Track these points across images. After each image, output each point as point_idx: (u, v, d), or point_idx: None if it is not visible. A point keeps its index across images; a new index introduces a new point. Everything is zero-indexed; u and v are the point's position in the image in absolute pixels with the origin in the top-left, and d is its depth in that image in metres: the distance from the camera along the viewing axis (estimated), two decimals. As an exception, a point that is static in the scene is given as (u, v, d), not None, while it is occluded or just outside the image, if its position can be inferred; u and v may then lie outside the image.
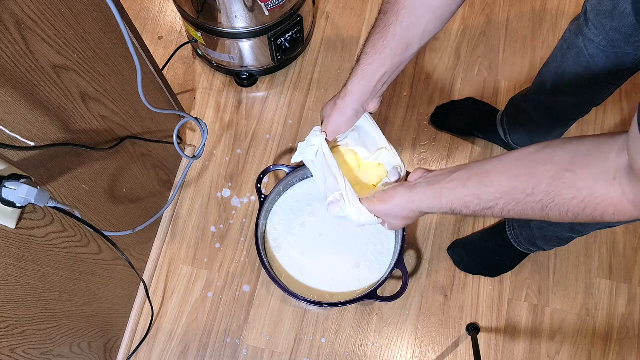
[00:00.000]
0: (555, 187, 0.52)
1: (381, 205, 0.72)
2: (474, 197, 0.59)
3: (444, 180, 0.64)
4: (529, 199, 0.54)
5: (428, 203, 0.66)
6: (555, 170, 0.52)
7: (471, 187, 0.60)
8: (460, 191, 0.61)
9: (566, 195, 0.51)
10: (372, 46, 0.69)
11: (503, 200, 0.56)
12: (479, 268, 1.22)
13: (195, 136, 1.37)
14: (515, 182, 0.55)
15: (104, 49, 0.77)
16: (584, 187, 0.50)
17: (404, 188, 0.69)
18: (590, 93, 0.96)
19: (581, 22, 0.86)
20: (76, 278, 0.85)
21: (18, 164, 0.62)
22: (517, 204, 0.55)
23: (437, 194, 0.64)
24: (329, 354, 1.18)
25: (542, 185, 0.53)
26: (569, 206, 0.51)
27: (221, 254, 1.26)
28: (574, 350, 1.18)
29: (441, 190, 0.63)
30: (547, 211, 0.54)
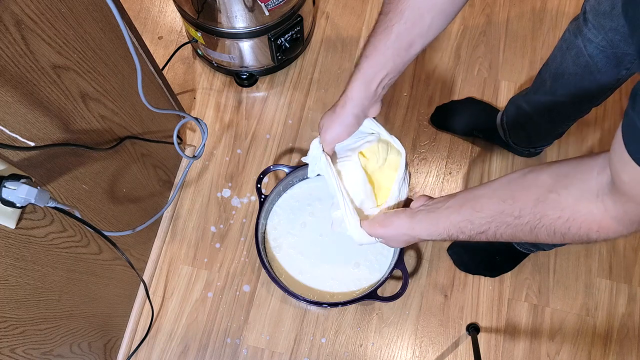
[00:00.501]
0: (540, 208, 0.54)
1: (382, 229, 0.75)
2: (468, 222, 0.62)
3: (441, 207, 0.67)
4: (517, 222, 0.57)
5: (427, 230, 0.69)
6: (539, 193, 0.55)
7: (464, 212, 0.63)
8: (455, 217, 0.64)
9: (551, 216, 0.53)
10: (372, 48, 0.68)
11: (494, 223, 0.59)
12: (479, 268, 1.22)
13: (195, 136, 1.37)
14: (503, 206, 0.58)
15: (104, 49, 0.77)
16: (567, 207, 0.52)
17: (405, 215, 0.73)
18: (590, 93, 0.96)
19: (580, 22, 0.86)
20: (76, 278, 0.85)
21: (18, 164, 0.62)
22: (507, 226, 0.58)
23: (434, 222, 0.67)
24: (329, 354, 1.18)
25: (528, 207, 0.55)
26: (555, 226, 0.53)
27: (221, 254, 1.26)
28: (574, 350, 1.18)
29: (438, 218, 0.67)
30: (535, 232, 0.56)
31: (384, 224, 0.75)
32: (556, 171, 0.54)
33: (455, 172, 1.32)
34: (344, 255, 1.12)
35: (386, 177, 0.83)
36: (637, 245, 1.25)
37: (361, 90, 0.71)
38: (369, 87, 0.70)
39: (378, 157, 0.83)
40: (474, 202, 0.62)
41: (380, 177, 0.84)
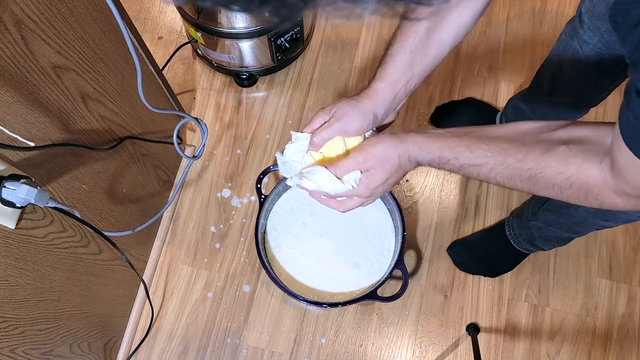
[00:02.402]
0: (547, 158, 0.53)
1: (370, 148, 0.64)
2: (466, 149, 0.58)
3: (440, 130, 0.63)
4: (518, 165, 0.54)
5: (419, 144, 0.62)
6: (550, 143, 0.53)
7: (466, 139, 0.59)
8: (454, 140, 0.60)
9: (555, 169, 0.52)
10: (399, 45, 0.64)
11: (493, 160, 0.56)
12: (479, 268, 1.22)
13: (195, 136, 1.37)
14: (509, 145, 0.56)
15: (104, 49, 0.77)
16: (572, 163, 0.51)
17: (393, 134, 0.65)
18: (587, 94, 0.97)
19: (576, 24, 0.87)
20: (76, 278, 0.85)
21: (18, 164, 0.62)
22: (506, 167, 0.55)
23: (430, 138, 0.62)
24: (329, 354, 1.18)
25: (534, 153, 0.53)
26: (556, 180, 0.52)
27: (221, 254, 1.26)
28: (574, 350, 1.18)
29: (435, 136, 0.62)
30: (533, 181, 0.54)
31: (372, 142, 0.64)
32: (574, 130, 0.53)
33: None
34: (344, 255, 1.12)
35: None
36: (637, 245, 1.25)
37: (387, 91, 0.66)
38: (394, 88, 0.66)
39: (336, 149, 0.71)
40: (479, 133, 0.59)
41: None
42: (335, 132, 0.67)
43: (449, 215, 1.28)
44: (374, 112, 0.67)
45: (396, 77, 0.65)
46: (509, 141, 0.56)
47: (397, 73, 0.65)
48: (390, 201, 1.10)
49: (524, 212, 1.11)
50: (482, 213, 1.28)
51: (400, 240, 1.06)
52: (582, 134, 0.53)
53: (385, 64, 0.66)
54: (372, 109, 0.67)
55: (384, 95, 0.66)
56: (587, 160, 0.51)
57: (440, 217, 1.28)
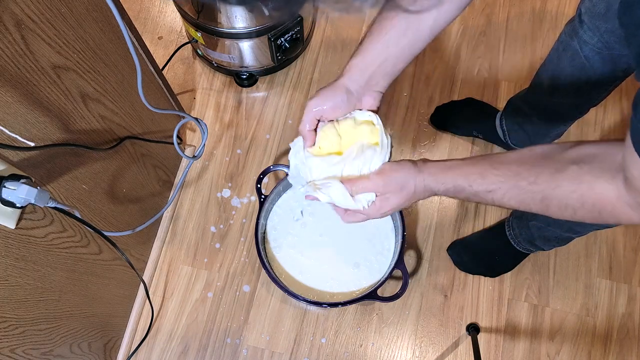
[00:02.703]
0: (558, 177, 0.53)
1: (392, 173, 0.65)
2: (479, 176, 0.59)
3: (456, 159, 0.64)
4: (530, 187, 0.55)
5: (434, 174, 0.64)
6: (560, 163, 0.53)
7: (479, 166, 0.60)
8: (468, 168, 0.61)
9: (567, 188, 0.52)
10: (377, 25, 0.64)
11: (506, 184, 0.57)
12: (479, 268, 1.22)
13: (195, 136, 1.37)
14: (520, 168, 0.56)
15: (104, 49, 0.77)
16: (584, 182, 0.51)
17: (410, 160, 0.66)
18: (587, 94, 0.96)
19: (576, 24, 0.87)
20: (76, 278, 0.85)
21: (18, 164, 0.62)
22: (520, 191, 0.56)
23: (445, 167, 0.63)
24: (329, 354, 1.18)
25: (545, 175, 0.54)
26: (569, 200, 0.53)
27: (221, 254, 1.26)
28: (574, 350, 1.17)
29: (450, 165, 0.63)
30: (546, 203, 0.54)
31: (392, 168, 0.65)
32: (584, 149, 0.54)
33: (455, 172, 1.32)
34: (344, 255, 1.12)
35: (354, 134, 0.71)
36: (637, 245, 1.25)
37: (359, 67, 0.66)
38: (367, 65, 0.65)
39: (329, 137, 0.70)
40: (491, 160, 0.61)
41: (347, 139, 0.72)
42: (311, 111, 0.67)
43: (449, 215, 1.28)
44: (346, 87, 0.66)
45: (371, 54, 0.65)
46: (520, 164, 0.57)
47: (371, 50, 0.65)
48: (390, 201, 1.10)
49: (524, 212, 1.11)
50: (482, 213, 1.28)
51: (400, 240, 1.06)
52: (592, 152, 0.53)
53: (361, 43, 0.66)
54: (345, 83, 0.66)
55: (357, 70, 0.66)
56: (599, 177, 0.51)
57: (440, 217, 1.28)
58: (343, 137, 0.68)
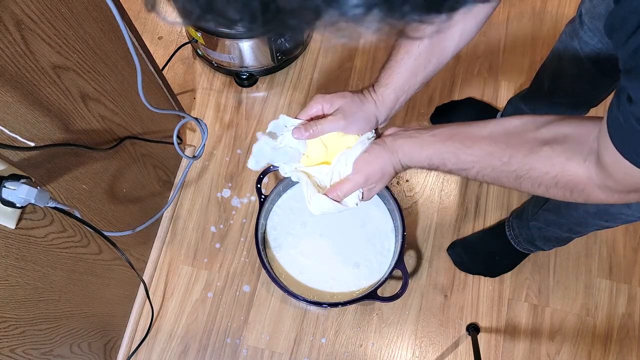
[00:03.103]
0: (531, 159, 0.54)
1: (368, 167, 0.65)
2: (453, 156, 0.60)
3: (425, 134, 0.63)
4: (504, 167, 0.56)
5: (408, 154, 0.64)
6: (533, 144, 0.54)
7: (451, 145, 0.60)
8: (440, 147, 0.61)
9: (540, 169, 0.53)
10: (404, 51, 0.65)
11: (479, 164, 0.58)
12: (479, 268, 1.22)
13: (195, 136, 1.37)
14: (493, 148, 0.56)
15: (104, 49, 0.77)
16: (557, 164, 0.52)
17: (382, 143, 0.65)
18: (587, 94, 0.97)
19: (576, 24, 0.87)
20: (76, 278, 0.85)
21: (18, 164, 0.62)
22: (493, 170, 0.57)
23: (417, 146, 0.63)
24: (329, 354, 1.18)
25: (519, 155, 0.54)
26: (542, 180, 0.54)
27: (221, 254, 1.26)
28: (574, 350, 1.17)
29: (422, 143, 0.63)
30: (520, 181, 0.55)
31: (366, 161, 0.65)
32: (557, 128, 0.54)
33: (455, 172, 1.32)
34: (344, 255, 1.12)
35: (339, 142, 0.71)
36: (637, 245, 1.25)
37: (391, 97, 0.67)
38: (397, 94, 0.66)
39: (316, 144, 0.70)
40: (463, 137, 0.60)
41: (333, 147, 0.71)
42: (337, 129, 0.67)
43: (449, 215, 1.28)
44: (377, 117, 0.68)
45: (400, 84, 0.66)
46: (493, 143, 0.57)
47: (401, 79, 0.66)
48: (390, 201, 1.10)
49: (523, 212, 1.11)
50: (482, 213, 1.28)
51: (400, 240, 1.06)
52: (565, 131, 0.54)
53: (389, 70, 0.66)
54: (376, 113, 0.68)
55: (388, 102, 0.67)
56: (571, 159, 0.52)
57: (440, 217, 1.28)
58: (329, 147, 0.68)
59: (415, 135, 0.64)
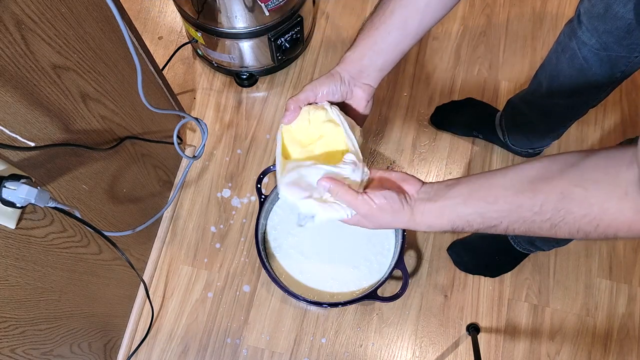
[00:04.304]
0: (565, 204, 0.49)
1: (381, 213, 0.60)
2: (477, 216, 0.55)
3: (444, 196, 0.58)
4: (536, 217, 0.51)
5: (428, 222, 0.59)
6: (563, 186, 0.50)
7: (473, 204, 0.56)
8: (462, 209, 0.56)
9: (577, 213, 0.49)
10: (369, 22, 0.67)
11: (508, 218, 0.53)
12: (479, 268, 1.22)
13: (195, 136, 1.37)
14: (521, 199, 0.52)
15: (104, 49, 0.77)
16: (595, 204, 0.48)
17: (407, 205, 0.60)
18: (585, 95, 0.96)
19: (575, 24, 0.87)
20: (76, 278, 0.85)
21: (18, 164, 0.62)
22: (524, 222, 0.52)
23: (437, 213, 0.58)
24: (329, 354, 1.18)
25: (551, 202, 0.50)
26: (580, 224, 0.49)
27: (221, 254, 1.26)
28: (574, 350, 1.17)
29: (442, 209, 0.58)
30: (555, 230, 0.51)
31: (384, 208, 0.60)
32: (583, 163, 0.50)
33: (455, 172, 1.32)
34: (344, 255, 1.12)
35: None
36: (637, 246, 1.25)
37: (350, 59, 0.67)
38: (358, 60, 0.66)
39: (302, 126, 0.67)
40: (485, 192, 0.55)
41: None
42: (304, 92, 0.66)
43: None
44: (340, 74, 0.68)
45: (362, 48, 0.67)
46: (519, 194, 0.52)
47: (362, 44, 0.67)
48: (391, 201, 1.10)
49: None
50: (482, 213, 1.28)
51: (400, 240, 1.06)
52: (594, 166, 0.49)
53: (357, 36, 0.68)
54: (338, 71, 0.68)
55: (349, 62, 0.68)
56: (610, 196, 0.47)
57: (441, 217, 1.28)
58: (311, 124, 0.66)
59: (435, 200, 0.59)
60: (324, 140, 0.64)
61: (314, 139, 0.65)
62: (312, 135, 0.65)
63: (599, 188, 0.48)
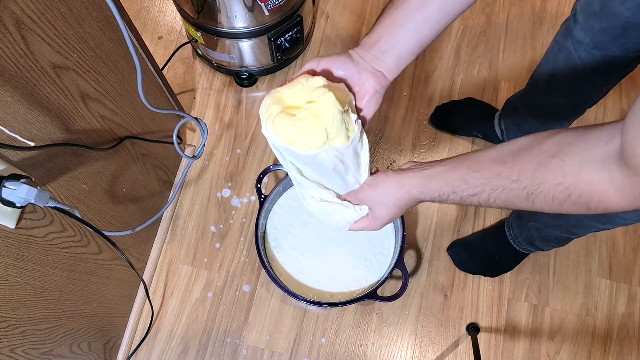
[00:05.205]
0: (541, 173, 0.52)
1: (371, 190, 0.68)
2: (462, 182, 0.59)
3: (435, 166, 0.63)
4: (514, 186, 0.54)
5: (418, 187, 0.63)
6: (541, 158, 0.53)
7: (460, 171, 0.59)
8: (449, 175, 0.60)
9: (552, 182, 0.52)
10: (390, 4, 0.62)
11: (489, 186, 0.56)
12: (479, 268, 1.22)
13: (195, 136, 1.37)
14: (501, 168, 0.55)
15: (104, 49, 0.77)
16: (569, 174, 0.50)
17: (393, 173, 0.67)
18: (582, 94, 0.96)
19: (571, 23, 0.86)
20: (76, 278, 0.85)
21: (18, 164, 0.62)
22: (503, 190, 0.55)
23: (427, 178, 0.63)
24: (329, 354, 1.18)
25: (528, 172, 0.53)
26: (555, 193, 0.52)
27: (221, 254, 1.26)
28: (574, 350, 1.17)
29: (432, 175, 0.62)
30: (532, 199, 0.54)
31: (372, 184, 0.68)
32: (562, 139, 0.53)
33: (455, 172, 1.32)
34: (344, 255, 1.12)
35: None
36: (637, 245, 1.25)
37: (365, 43, 0.63)
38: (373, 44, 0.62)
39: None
40: (471, 162, 0.59)
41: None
42: (309, 63, 0.63)
43: (449, 215, 1.28)
44: (350, 53, 0.64)
45: (377, 33, 0.63)
46: (500, 164, 0.56)
47: (378, 29, 0.63)
48: (391, 201, 1.10)
49: (523, 213, 1.11)
50: (482, 213, 1.28)
51: (400, 240, 1.06)
52: (572, 141, 0.52)
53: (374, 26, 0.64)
54: (350, 51, 0.64)
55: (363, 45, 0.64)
56: (584, 167, 0.50)
57: (441, 217, 1.28)
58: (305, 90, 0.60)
59: (426, 168, 0.64)
60: (311, 106, 0.59)
61: (301, 105, 0.60)
62: (301, 100, 0.60)
63: (574, 159, 0.50)
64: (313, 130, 0.57)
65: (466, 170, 0.59)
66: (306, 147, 0.59)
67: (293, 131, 0.58)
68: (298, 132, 0.58)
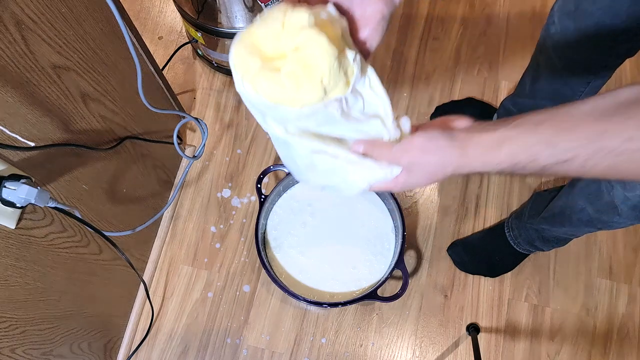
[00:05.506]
0: None
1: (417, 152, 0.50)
2: (547, 146, 0.44)
3: (506, 125, 0.47)
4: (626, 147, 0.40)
5: (482, 157, 0.47)
6: None
7: (544, 131, 0.45)
8: (528, 137, 0.45)
9: None
10: None
11: (587, 149, 0.42)
12: (479, 268, 1.22)
13: (195, 136, 1.37)
14: (607, 125, 0.41)
15: (104, 49, 0.77)
16: None
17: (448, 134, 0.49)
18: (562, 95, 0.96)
19: (549, 24, 0.86)
20: (76, 278, 0.85)
21: (18, 164, 0.62)
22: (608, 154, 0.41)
23: (494, 143, 0.46)
24: (329, 354, 1.18)
25: None
26: None
27: (221, 254, 1.26)
28: (574, 350, 1.17)
29: (501, 138, 0.46)
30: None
31: (423, 148, 0.49)
32: None
33: (455, 172, 1.32)
34: (344, 255, 1.12)
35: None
36: (637, 245, 1.25)
37: None
38: None
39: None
40: (561, 119, 0.45)
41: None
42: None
43: (449, 215, 1.28)
44: None
45: None
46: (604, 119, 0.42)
47: None
48: (390, 201, 1.10)
49: (522, 213, 1.12)
50: (482, 213, 1.28)
51: (400, 240, 1.06)
52: None
53: None
54: None
55: None
56: None
57: (440, 217, 1.28)
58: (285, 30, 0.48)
59: (492, 130, 0.47)
60: (299, 55, 0.45)
61: (284, 53, 0.47)
62: (283, 46, 0.47)
63: None
64: (305, 85, 0.45)
65: (554, 130, 0.45)
66: (299, 105, 0.47)
67: (280, 91, 0.46)
68: (286, 91, 0.46)
